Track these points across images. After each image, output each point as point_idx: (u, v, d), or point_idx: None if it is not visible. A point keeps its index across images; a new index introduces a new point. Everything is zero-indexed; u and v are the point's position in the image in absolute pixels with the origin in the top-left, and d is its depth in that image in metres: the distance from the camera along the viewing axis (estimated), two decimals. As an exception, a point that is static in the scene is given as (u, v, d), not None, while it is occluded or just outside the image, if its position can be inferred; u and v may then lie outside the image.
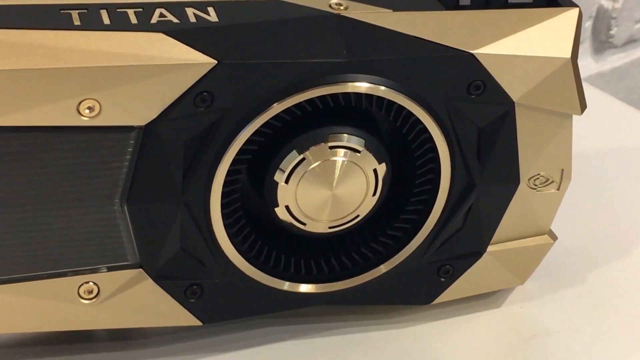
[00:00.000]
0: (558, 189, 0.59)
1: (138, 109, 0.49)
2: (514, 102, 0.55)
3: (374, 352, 0.59)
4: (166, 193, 0.52)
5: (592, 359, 0.59)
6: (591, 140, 0.78)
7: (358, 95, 0.53)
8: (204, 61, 0.49)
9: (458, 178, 0.56)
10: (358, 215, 0.56)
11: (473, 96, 0.54)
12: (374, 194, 0.55)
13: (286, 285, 0.57)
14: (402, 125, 0.55)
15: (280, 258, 0.57)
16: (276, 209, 0.55)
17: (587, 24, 1.21)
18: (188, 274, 0.55)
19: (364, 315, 0.61)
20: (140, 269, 0.54)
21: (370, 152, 0.54)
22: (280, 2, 0.52)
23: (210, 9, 0.51)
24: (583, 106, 0.57)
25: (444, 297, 0.61)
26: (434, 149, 0.55)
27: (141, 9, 0.50)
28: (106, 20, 0.49)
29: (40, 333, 0.57)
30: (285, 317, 0.60)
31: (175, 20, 0.50)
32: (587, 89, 0.58)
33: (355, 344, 0.59)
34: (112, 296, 0.54)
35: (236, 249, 0.55)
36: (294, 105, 0.52)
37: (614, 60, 1.25)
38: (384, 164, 0.55)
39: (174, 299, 0.55)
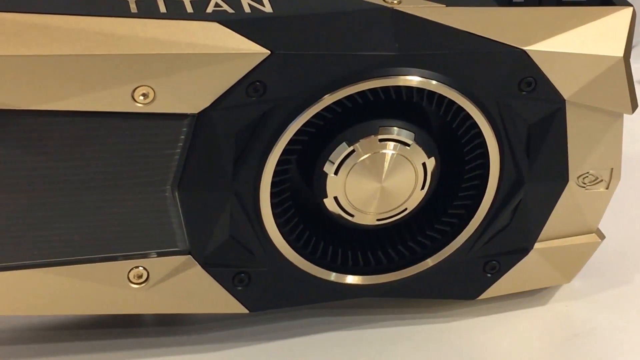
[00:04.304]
0: (607, 188, 0.59)
1: (191, 97, 0.50)
2: (564, 100, 0.55)
3: (418, 346, 0.59)
4: (217, 181, 0.52)
5: (636, 359, 0.59)
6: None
7: (409, 88, 0.53)
8: (257, 51, 0.50)
9: (507, 174, 0.56)
10: (406, 209, 0.56)
11: (524, 93, 0.54)
12: (423, 188, 0.56)
13: (333, 276, 0.57)
14: (452, 119, 0.55)
15: (327, 249, 0.57)
16: (325, 200, 0.55)
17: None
18: (236, 262, 0.55)
19: (409, 309, 0.61)
20: (190, 256, 0.54)
21: (419, 145, 0.54)
22: (335, -6, 0.53)
23: (265, 0, 0.51)
24: (634, 105, 0.56)
25: (489, 292, 0.61)
26: (483, 144, 0.55)
27: (197, -2, 0.51)
28: (162, 9, 0.50)
29: (90, 316, 0.58)
30: (331, 307, 0.60)
31: (230, 10, 0.50)
32: (640, 91, 0.58)
33: (399, 337, 0.59)
34: (161, 281, 0.54)
35: (284, 238, 0.55)
36: (345, 97, 0.52)
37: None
38: (433, 158, 0.55)
39: (221, 286, 0.56)
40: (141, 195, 0.52)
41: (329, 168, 0.54)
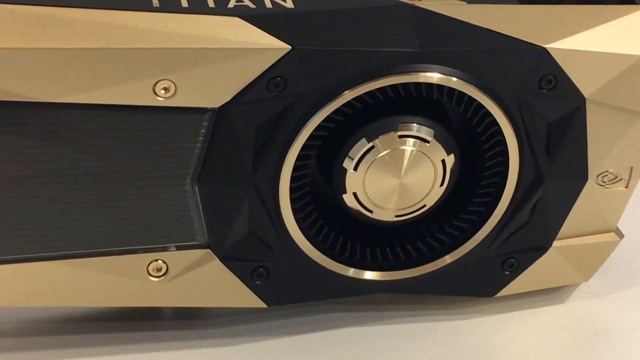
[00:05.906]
0: (626, 187, 0.59)
1: (212, 91, 0.50)
2: (585, 98, 0.55)
3: (435, 342, 0.59)
4: (236, 175, 0.53)
5: (654, 358, 0.59)
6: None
7: (429, 85, 0.53)
8: (278, 46, 0.50)
9: (526, 172, 0.56)
10: (425, 205, 0.56)
11: (544, 90, 0.54)
12: (442, 185, 0.56)
13: (351, 272, 0.57)
14: (472, 117, 0.55)
15: (346, 244, 0.57)
16: (344, 196, 0.55)
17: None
18: (255, 256, 0.55)
19: (426, 305, 0.61)
20: (209, 249, 0.55)
21: (439, 142, 0.54)
22: (356, -9, 0.53)
23: (286, -5, 0.52)
24: (655, 104, 0.57)
25: (507, 290, 0.61)
26: (503, 142, 0.55)
27: (219, -7, 0.51)
28: (184, 4, 0.50)
29: (109, 308, 0.58)
30: (348, 303, 0.60)
31: (251, 5, 0.51)
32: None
33: (416, 333, 0.59)
34: (180, 275, 0.55)
35: (303, 233, 0.55)
36: (366, 93, 0.52)
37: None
38: (452, 155, 0.55)
39: (240, 280, 0.56)
40: (161, 189, 0.53)
41: (348, 164, 0.54)
